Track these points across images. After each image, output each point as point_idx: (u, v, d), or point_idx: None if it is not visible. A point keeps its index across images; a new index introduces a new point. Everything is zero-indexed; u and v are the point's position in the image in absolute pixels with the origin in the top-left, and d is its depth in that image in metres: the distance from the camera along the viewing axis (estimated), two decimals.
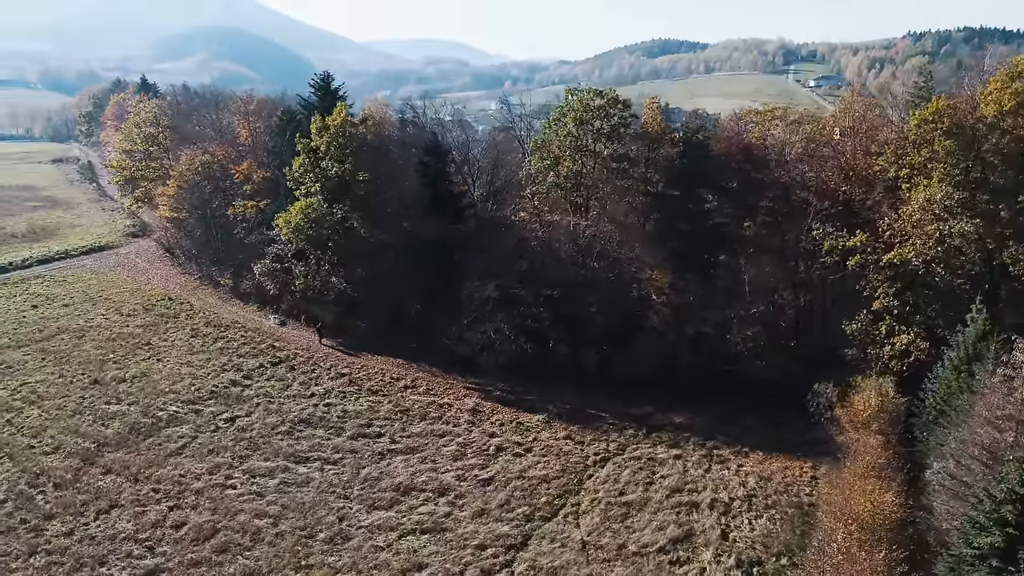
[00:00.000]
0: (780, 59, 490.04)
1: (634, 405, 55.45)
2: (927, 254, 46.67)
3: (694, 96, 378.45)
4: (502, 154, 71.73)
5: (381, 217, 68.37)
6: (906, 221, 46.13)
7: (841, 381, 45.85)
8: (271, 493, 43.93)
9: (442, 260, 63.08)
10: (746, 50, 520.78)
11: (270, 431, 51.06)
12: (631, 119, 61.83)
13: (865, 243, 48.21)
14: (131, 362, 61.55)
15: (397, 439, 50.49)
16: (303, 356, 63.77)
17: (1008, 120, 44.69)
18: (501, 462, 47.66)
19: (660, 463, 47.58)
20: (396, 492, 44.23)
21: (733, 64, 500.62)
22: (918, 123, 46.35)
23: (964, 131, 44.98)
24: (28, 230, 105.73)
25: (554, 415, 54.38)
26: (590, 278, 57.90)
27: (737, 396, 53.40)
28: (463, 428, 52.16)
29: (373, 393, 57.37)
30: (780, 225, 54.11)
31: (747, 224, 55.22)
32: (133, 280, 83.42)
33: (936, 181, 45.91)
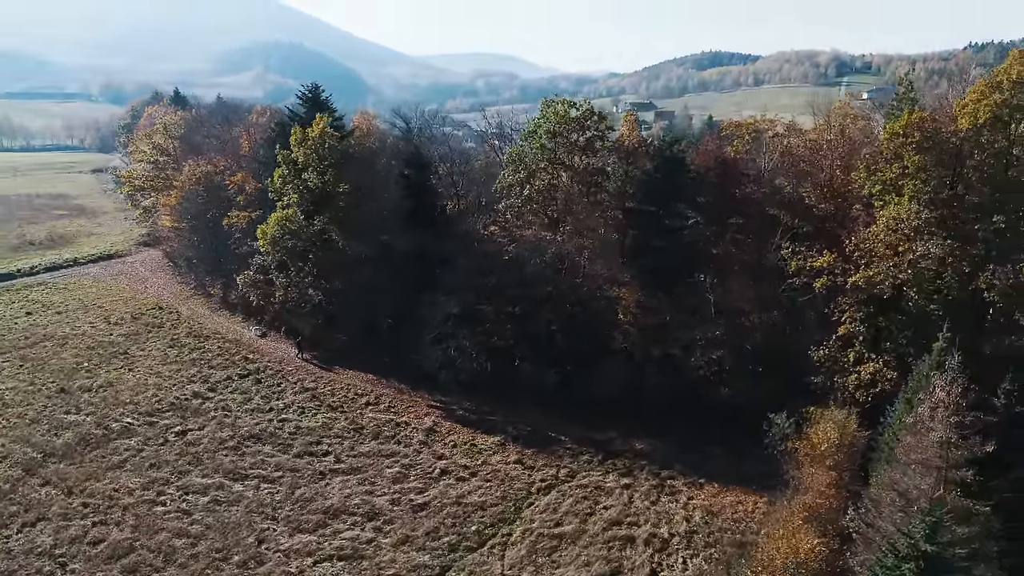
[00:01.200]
0: (832, 71, 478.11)
1: (597, 429, 53.09)
2: (898, 277, 43.29)
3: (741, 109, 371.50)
4: (493, 167, 70.20)
5: (361, 229, 67.31)
6: (872, 241, 42.83)
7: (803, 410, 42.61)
8: (199, 511, 42.96)
9: (419, 274, 61.71)
10: (797, 62, 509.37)
11: (217, 446, 50.25)
12: (608, 132, 59.68)
13: (833, 264, 45.00)
14: (103, 371, 61.76)
15: (343, 458, 49.10)
16: (273, 369, 63.12)
17: (985, 134, 41.16)
18: (441, 486, 45.81)
19: (607, 493, 45.07)
20: (325, 515, 42.79)
21: (783, 76, 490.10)
22: (889, 137, 43.11)
23: (937, 146, 41.58)
24: (47, 237, 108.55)
25: (512, 437, 52.35)
26: (556, 295, 55.69)
27: (703, 422, 50.51)
28: (413, 449, 50.50)
29: (332, 409, 56.20)
30: (750, 243, 51.14)
31: (717, 241, 52.27)
32: (131, 289, 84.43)
33: (907, 199, 42.58)
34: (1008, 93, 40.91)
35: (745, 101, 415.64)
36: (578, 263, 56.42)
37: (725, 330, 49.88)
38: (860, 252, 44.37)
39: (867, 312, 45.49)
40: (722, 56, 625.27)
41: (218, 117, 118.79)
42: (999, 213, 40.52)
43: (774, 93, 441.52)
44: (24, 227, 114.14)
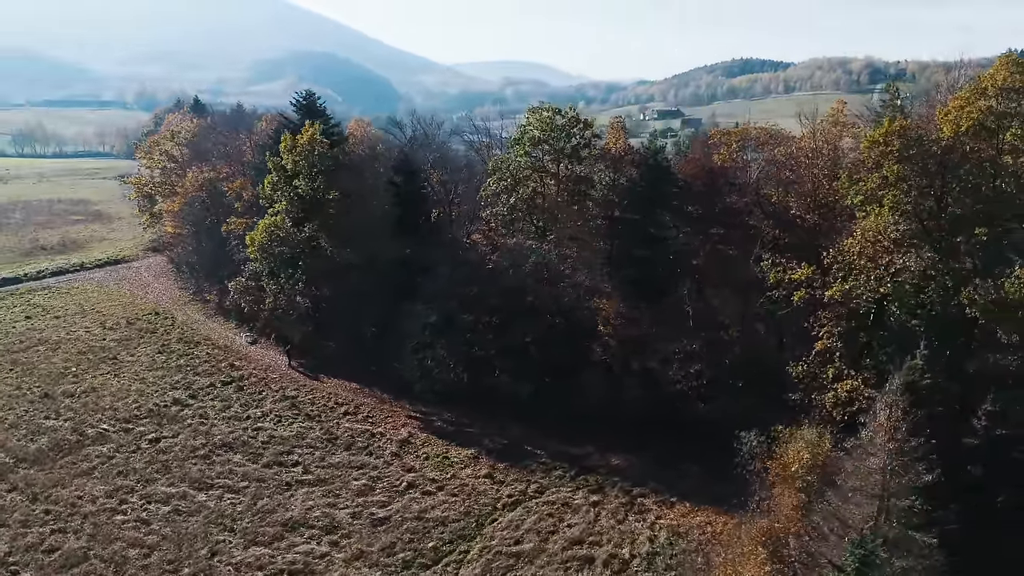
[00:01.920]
0: (866, 78, 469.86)
1: (574, 443, 51.83)
2: (878, 291, 41.49)
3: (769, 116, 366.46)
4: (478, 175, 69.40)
5: (350, 237, 67.01)
6: (849, 253, 41.08)
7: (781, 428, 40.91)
8: (157, 521, 42.55)
9: (405, 282, 61.03)
10: (830, 69, 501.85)
11: (188, 454, 49.93)
12: (593, 139, 58.58)
13: (811, 276, 43.29)
14: (89, 376, 61.98)
15: (311, 469, 48.45)
16: (257, 376, 62.86)
17: (968, 142, 39.26)
18: (405, 500, 44.90)
19: (573, 510, 43.76)
20: (283, 527, 42.12)
21: (815, 84, 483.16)
22: (869, 145, 41.35)
23: (917, 155, 39.74)
24: (59, 243, 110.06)
25: (486, 450, 51.31)
26: (537, 306, 54.58)
27: (681, 438, 48.89)
28: (383, 461, 49.69)
29: (309, 418, 55.67)
30: (732, 254, 49.56)
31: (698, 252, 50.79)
32: (131, 294, 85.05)
33: (886, 209, 40.77)
34: (994, 100, 39.07)
35: (775, 108, 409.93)
36: (561, 273, 55.25)
37: (704, 343, 48.31)
38: (839, 265, 42.67)
39: (848, 327, 43.69)
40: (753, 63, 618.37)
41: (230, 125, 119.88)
42: (982, 225, 38.51)
43: (804, 100, 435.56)
44: (38, 232, 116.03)
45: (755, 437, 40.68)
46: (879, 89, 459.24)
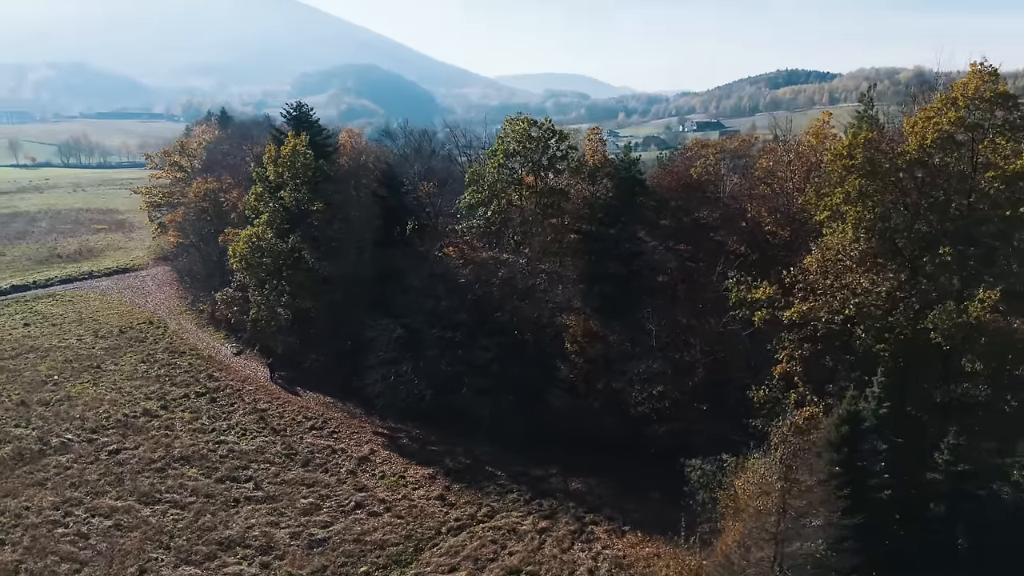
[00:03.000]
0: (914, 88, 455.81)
1: (538, 464, 50.13)
2: (841, 312, 38.92)
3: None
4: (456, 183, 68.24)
5: (332, 248, 66.51)
6: (806, 272, 38.65)
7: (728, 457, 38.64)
8: (96, 535, 41.94)
9: (380, 295, 60.10)
10: (877, 79, 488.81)
11: (144, 466, 49.46)
12: (569, 151, 56.95)
13: (773, 296, 40.85)
14: (69, 385, 62.28)
15: (263, 485, 47.54)
16: (232, 388, 62.49)
17: (935, 156, 36.61)
18: (349, 521, 43.60)
19: (519, 536, 41.92)
20: (219, 546, 41.14)
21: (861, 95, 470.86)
22: (832, 159, 38.93)
23: (880, 169, 37.21)
24: (76, 251, 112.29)
25: (445, 471, 49.85)
26: (505, 322, 53.00)
27: (644, 463, 46.76)
28: (337, 479, 48.56)
29: (275, 432, 54.92)
30: (700, 270, 47.32)
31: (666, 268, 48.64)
32: (131, 302, 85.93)
33: (848, 226, 38.30)
34: (964, 110, 36.41)
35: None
36: (531, 288, 53.58)
37: (669, 364, 46.11)
38: (802, 284, 40.23)
39: (813, 350, 41.08)
40: (798, 74, 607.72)
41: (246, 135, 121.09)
42: (947, 245, 35.78)
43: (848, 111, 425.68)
44: (59, 240, 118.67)
45: (700, 466, 38.59)
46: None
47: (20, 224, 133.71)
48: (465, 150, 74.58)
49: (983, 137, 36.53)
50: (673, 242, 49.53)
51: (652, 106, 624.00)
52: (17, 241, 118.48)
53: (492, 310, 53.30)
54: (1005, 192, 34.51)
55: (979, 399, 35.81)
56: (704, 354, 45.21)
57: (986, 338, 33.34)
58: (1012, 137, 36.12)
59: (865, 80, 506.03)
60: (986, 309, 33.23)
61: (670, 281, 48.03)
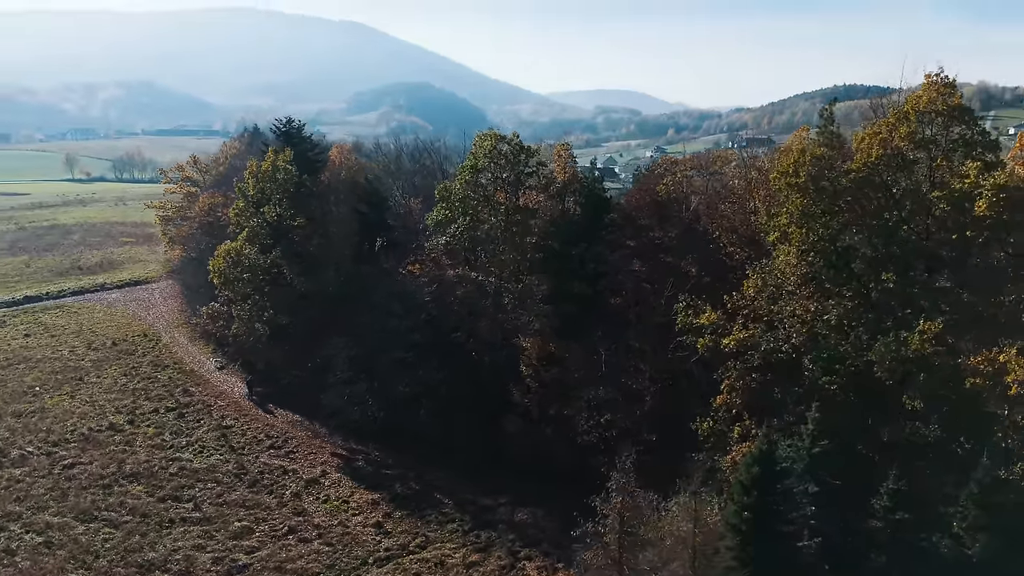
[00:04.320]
0: (977, 104, 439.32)
1: (488, 492, 48.10)
2: (788, 340, 36.09)
3: None
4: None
5: (312, 264, 65.97)
6: (747, 298, 35.94)
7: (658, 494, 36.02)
8: (23, 553, 41.51)
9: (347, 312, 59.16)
10: None
11: (92, 482, 49.18)
12: (538, 168, 55.18)
13: (716, 322, 38.19)
14: (47, 396, 62.89)
15: (202, 506, 46.63)
16: (204, 404, 62.12)
17: (883, 174, 33.66)
18: (276, 547, 42.27)
19: (445, 570, 39.98)
20: (139, 569, 40.28)
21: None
22: (776, 177, 36.27)
23: (824, 187, 34.42)
24: (97, 263, 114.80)
25: (391, 496, 48.26)
26: (462, 342, 51.33)
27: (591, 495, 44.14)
28: (279, 501, 47.40)
29: (232, 450, 54.18)
30: (651, 293, 44.82)
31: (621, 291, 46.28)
32: (133, 315, 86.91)
33: (793, 249, 35.53)
34: (916, 125, 33.45)
35: None
36: (491, 307, 51.84)
37: (619, 391, 43.69)
38: (747, 310, 37.51)
39: (762, 381, 38.22)
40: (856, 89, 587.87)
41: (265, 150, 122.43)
42: (892, 271, 32.73)
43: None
44: (84, 252, 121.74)
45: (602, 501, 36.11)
46: (992, 116, 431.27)
47: (54, 236, 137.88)
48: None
49: (939, 154, 33.45)
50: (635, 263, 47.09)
51: (703, 122, 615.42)
52: (45, 253, 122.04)
53: (450, 330, 51.64)
54: (952, 214, 31.35)
55: (928, 440, 32.48)
56: (653, 381, 42.67)
57: (925, 374, 30.14)
58: (968, 155, 32.96)
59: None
60: (926, 342, 30.06)
61: (623, 304, 45.60)
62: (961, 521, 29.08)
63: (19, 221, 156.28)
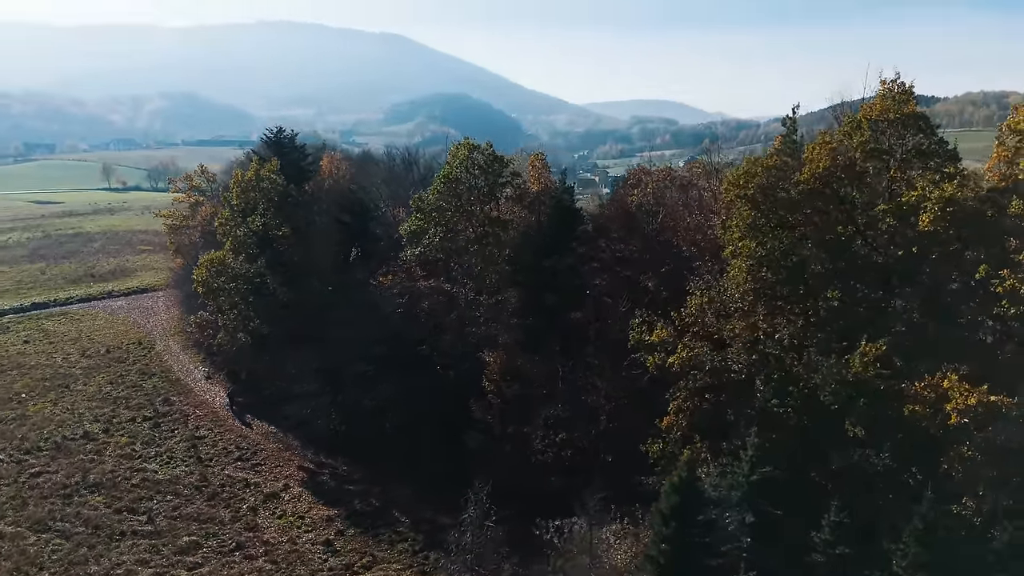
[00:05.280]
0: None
1: (446, 511, 46.22)
2: (738, 361, 34.18)
3: None
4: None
5: (295, 274, 65.50)
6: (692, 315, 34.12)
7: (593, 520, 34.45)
8: None
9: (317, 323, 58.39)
10: (983, 104, 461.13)
11: (54, 491, 49.05)
12: (511, 178, 53.94)
13: (667, 339, 36.40)
14: (31, 403, 63.30)
15: (156, 519, 46.10)
16: (182, 414, 61.95)
17: (835, 185, 31.67)
18: (219, 565, 41.51)
19: None
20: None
21: (964, 120, 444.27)
22: (726, 188, 34.48)
23: (771, 200, 32.54)
24: (111, 271, 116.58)
25: (349, 513, 47.37)
26: (427, 355, 50.20)
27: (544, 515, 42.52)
28: (233, 516, 46.69)
29: (199, 462, 53.71)
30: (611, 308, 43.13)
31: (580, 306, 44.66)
32: (133, 322, 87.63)
33: (742, 264, 33.66)
34: (867, 134, 31.44)
35: None
36: (454, 321, 50.63)
37: (576, 409, 42.07)
38: (698, 328, 35.67)
39: (715, 402, 36.32)
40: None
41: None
42: (836, 288, 30.68)
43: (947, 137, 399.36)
44: (100, 260, 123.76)
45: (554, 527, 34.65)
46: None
47: (76, 244, 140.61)
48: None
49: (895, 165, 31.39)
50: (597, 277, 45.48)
51: (740, 132, 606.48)
52: (63, 260, 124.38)
53: (415, 343, 50.52)
54: (900, 228, 29.23)
55: (877, 469, 30.28)
56: (609, 399, 40.94)
57: (866, 400, 28.04)
58: (925, 165, 30.83)
59: (971, 104, 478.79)
60: (868, 365, 27.99)
61: (583, 319, 44.00)
62: (902, 559, 26.87)
63: (46, 229, 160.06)
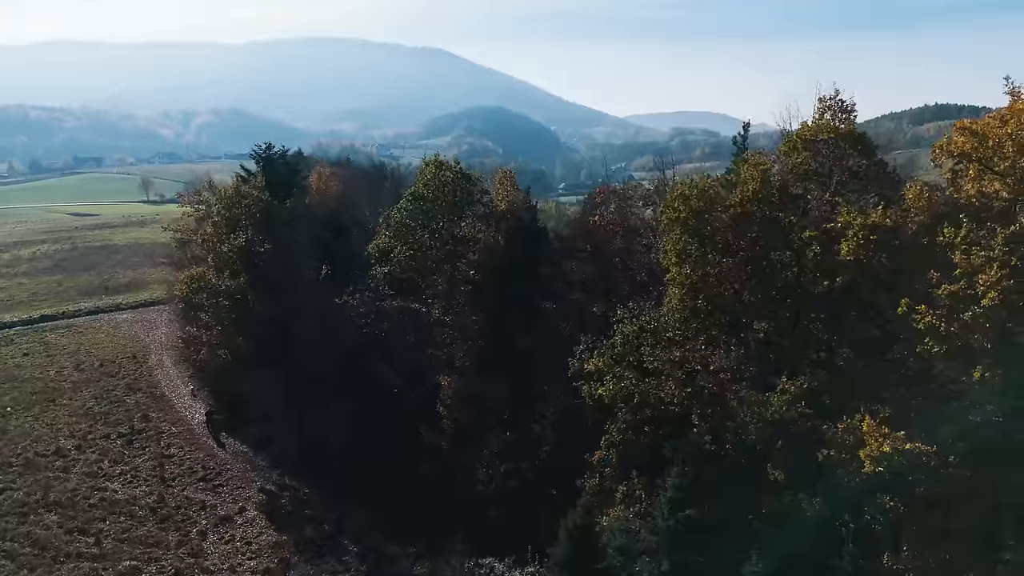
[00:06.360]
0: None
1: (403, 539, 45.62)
2: (673, 393, 32.16)
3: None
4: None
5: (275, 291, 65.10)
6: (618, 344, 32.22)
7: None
8: None
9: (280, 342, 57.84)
10: None
11: (12, 510, 48.66)
12: (480, 196, 52.71)
13: (603, 368, 34.52)
14: (14, 417, 63.70)
15: (103, 541, 45.59)
16: (157, 431, 61.56)
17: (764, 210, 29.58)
18: None
19: None
20: None
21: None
22: (663, 210, 32.62)
23: (705, 224, 30.57)
24: (126, 283, 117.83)
25: (298, 540, 46.22)
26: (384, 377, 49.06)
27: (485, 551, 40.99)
28: (179, 540, 45.99)
29: (161, 482, 53.23)
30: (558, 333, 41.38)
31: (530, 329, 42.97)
32: (134, 336, 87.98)
33: (676, 291, 31.70)
34: (802, 156, 29.33)
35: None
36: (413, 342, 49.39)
37: (522, 438, 40.38)
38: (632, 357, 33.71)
39: (652, 435, 34.29)
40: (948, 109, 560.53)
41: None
42: (766, 318, 28.53)
43: None
44: (116, 272, 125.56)
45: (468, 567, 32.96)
46: None
47: (99, 256, 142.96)
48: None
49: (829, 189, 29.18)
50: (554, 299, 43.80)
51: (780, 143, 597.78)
52: (81, 273, 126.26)
53: (373, 363, 49.42)
54: (827, 257, 27.00)
55: (806, 514, 27.95)
56: (555, 429, 39.12)
57: (783, 441, 25.84)
58: (864, 188, 28.59)
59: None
60: (787, 404, 25.81)
61: (533, 343, 42.35)
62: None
63: (75, 241, 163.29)
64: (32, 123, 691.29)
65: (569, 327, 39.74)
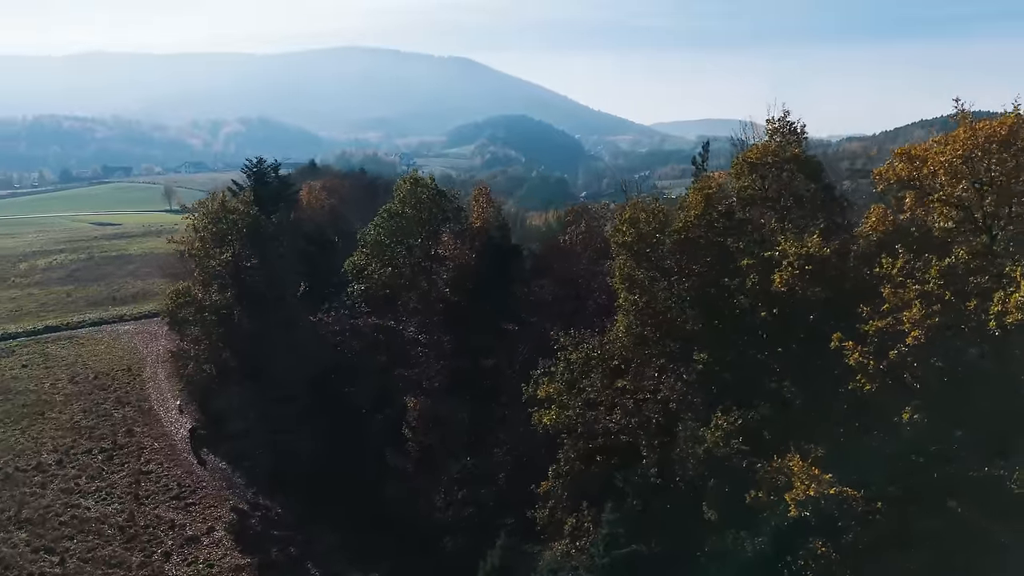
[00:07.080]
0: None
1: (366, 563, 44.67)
2: (620, 425, 31.02)
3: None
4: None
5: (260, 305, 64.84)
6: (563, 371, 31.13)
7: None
8: None
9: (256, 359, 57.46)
10: None
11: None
12: (455, 213, 51.91)
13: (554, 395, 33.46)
14: (3, 431, 64.09)
15: (68, 562, 45.50)
16: (139, 446, 61.59)
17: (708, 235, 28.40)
18: None
19: None
20: None
21: None
22: (612, 234, 31.58)
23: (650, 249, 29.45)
24: (134, 294, 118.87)
25: (262, 562, 45.75)
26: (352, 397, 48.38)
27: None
28: (143, 561, 45.72)
29: (135, 499, 53.08)
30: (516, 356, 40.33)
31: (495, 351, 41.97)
32: (132, 348, 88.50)
33: (623, 317, 30.59)
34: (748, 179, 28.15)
35: None
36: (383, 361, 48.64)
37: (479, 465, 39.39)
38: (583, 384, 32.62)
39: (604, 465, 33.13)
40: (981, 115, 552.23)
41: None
42: (708, 348, 27.30)
43: None
44: (125, 282, 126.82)
45: None
46: None
47: (113, 266, 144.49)
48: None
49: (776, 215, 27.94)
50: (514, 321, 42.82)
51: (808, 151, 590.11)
52: (92, 283, 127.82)
53: (343, 383, 48.78)
54: (761, 287, 25.75)
55: (748, 555, 26.63)
56: (513, 456, 38.08)
57: (716, 479, 24.60)
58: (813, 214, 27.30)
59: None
60: (720, 441, 24.58)
61: (496, 366, 41.37)
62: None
63: (92, 251, 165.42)
64: (65, 133, 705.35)
65: (527, 350, 38.69)
